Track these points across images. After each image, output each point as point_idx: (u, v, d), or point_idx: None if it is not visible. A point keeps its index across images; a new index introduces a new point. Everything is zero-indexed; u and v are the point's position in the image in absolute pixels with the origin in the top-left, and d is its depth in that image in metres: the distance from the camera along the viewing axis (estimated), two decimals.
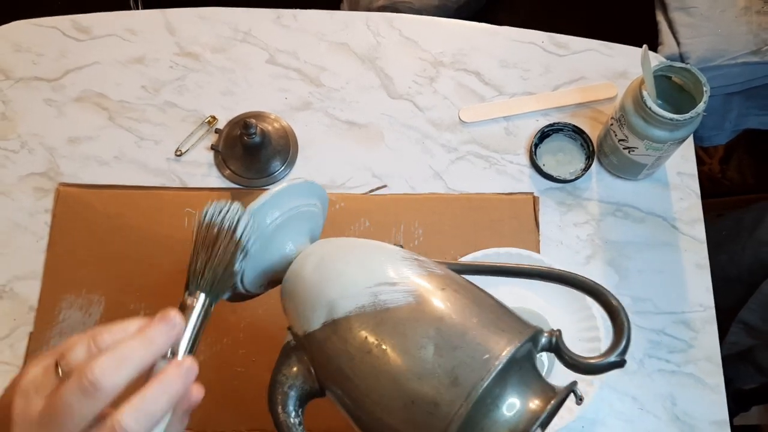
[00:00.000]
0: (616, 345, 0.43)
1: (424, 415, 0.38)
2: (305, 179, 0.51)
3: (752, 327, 0.91)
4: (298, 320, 0.45)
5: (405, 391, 0.39)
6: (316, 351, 0.43)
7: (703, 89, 0.66)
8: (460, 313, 0.41)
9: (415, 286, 0.42)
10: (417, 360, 0.39)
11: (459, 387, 0.38)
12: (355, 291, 0.43)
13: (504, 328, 0.41)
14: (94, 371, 0.34)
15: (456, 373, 0.38)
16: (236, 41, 0.84)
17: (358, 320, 0.41)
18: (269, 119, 0.79)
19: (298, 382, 0.44)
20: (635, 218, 0.77)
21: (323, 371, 0.43)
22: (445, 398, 0.38)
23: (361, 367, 0.41)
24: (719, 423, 0.69)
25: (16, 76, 0.81)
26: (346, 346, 0.41)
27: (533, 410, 0.39)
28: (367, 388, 0.40)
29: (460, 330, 0.40)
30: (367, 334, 0.41)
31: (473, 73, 0.83)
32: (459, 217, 0.76)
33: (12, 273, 0.73)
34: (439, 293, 0.42)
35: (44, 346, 0.70)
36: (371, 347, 0.40)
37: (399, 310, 0.41)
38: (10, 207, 0.76)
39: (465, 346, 0.39)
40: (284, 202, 0.49)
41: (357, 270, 0.44)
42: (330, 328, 0.42)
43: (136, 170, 0.77)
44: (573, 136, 0.79)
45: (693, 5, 0.92)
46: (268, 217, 0.48)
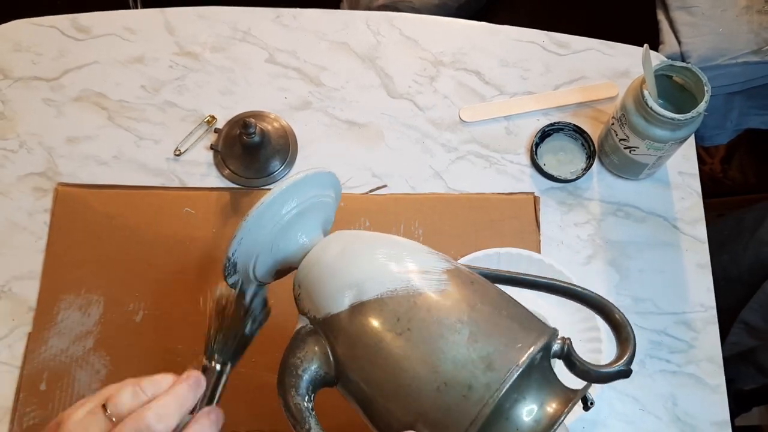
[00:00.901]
0: (623, 354, 0.44)
1: (457, 399, 0.38)
2: (324, 169, 0.50)
3: (753, 327, 0.91)
4: (317, 303, 0.45)
5: (438, 374, 0.39)
6: (340, 333, 0.43)
7: (705, 89, 0.66)
8: (491, 305, 0.42)
9: (446, 276, 0.43)
10: (451, 344, 0.39)
11: (494, 372, 0.38)
12: (386, 275, 0.43)
13: (529, 326, 0.42)
14: (151, 417, 0.39)
15: (491, 358, 0.39)
16: (236, 40, 0.83)
17: (390, 303, 0.41)
18: (269, 119, 0.79)
19: (314, 366, 0.43)
20: (636, 218, 0.76)
21: (346, 354, 0.43)
22: (480, 382, 0.38)
23: (390, 349, 0.40)
24: (720, 424, 0.69)
25: (15, 75, 0.81)
26: (375, 328, 0.41)
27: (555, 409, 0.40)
28: (396, 371, 0.40)
29: (493, 320, 0.41)
30: (399, 317, 0.41)
31: (474, 73, 0.83)
32: (459, 217, 0.75)
33: (11, 273, 0.72)
34: (469, 286, 0.43)
35: (43, 347, 0.69)
36: (403, 329, 0.40)
37: (431, 296, 0.41)
38: (9, 207, 0.75)
39: (498, 334, 0.40)
40: (303, 191, 0.48)
41: (387, 256, 0.44)
42: (358, 309, 0.42)
43: (136, 170, 0.77)
44: (574, 136, 0.78)
45: (694, 4, 0.92)
46: (285, 206, 0.47)
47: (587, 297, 0.47)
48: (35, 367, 0.69)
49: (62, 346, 0.69)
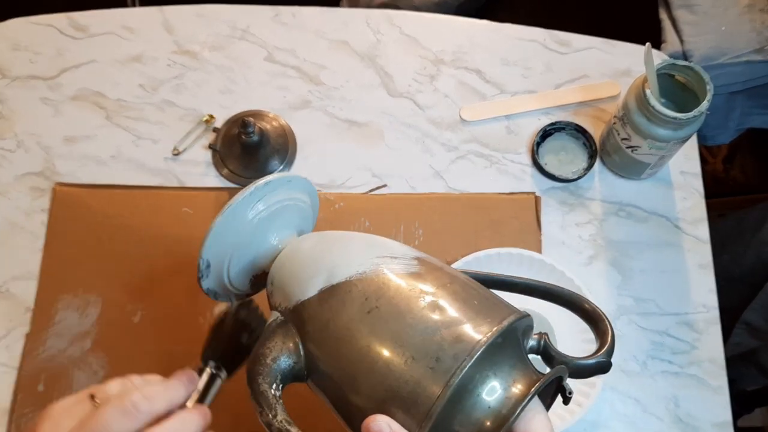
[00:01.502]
0: (602, 347, 0.44)
1: (425, 371, 0.38)
2: (294, 174, 0.51)
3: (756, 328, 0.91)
4: (288, 293, 0.45)
5: (406, 348, 0.39)
6: (310, 318, 0.43)
7: (707, 88, 0.65)
8: (461, 286, 0.42)
9: (416, 261, 0.43)
10: (419, 317, 0.40)
11: (463, 343, 0.38)
12: (356, 259, 0.43)
13: (499, 306, 0.42)
14: (136, 396, 0.39)
15: (459, 331, 0.39)
16: (234, 39, 0.83)
17: (360, 284, 0.42)
18: (268, 118, 0.79)
19: (282, 356, 0.43)
20: (638, 218, 0.76)
21: (316, 339, 0.43)
22: (447, 353, 0.38)
23: (359, 328, 0.40)
24: (722, 425, 0.68)
25: (12, 74, 0.81)
26: (343, 308, 0.41)
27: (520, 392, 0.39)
28: (365, 348, 0.40)
29: (462, 297, 0.41)
30: (368, 296, 0.41)
31: (474, 71, 0.82)
32: (460, 216, 0.75)
33: (8, 273, 0.72)
34: (438, 270, 0.43)
35: (41, 347, 0.69)
36: (371, 307, 0.41)
37: (401, 277, 0.42)
38: (7, 207, 0.75)
39: (468, 309, 0.40)
40: (269, 194, 0.49)
41: (358, 244, 0.45)
42: (328, 292, 0.43)
43: (134, 170, 0.77)
44: (575, 135, 0.78)
45: (696, 3, 0.92)
46: (251, 210, 0.48)
47: (555, 292, 0.48)
48: (33, 368, 0.68)
49: (60, 346, 0.69)
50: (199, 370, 0.45)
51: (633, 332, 0.71)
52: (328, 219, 0.75)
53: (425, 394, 0.37)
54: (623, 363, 0.70)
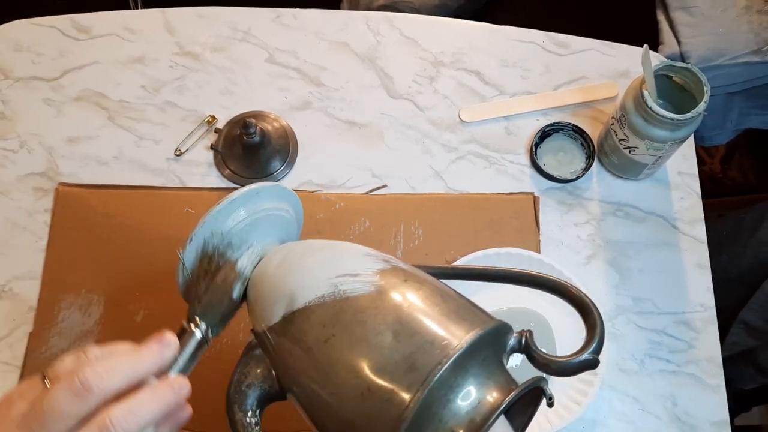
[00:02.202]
0: (589, 343, 0.42)
1: (380, 403, 0.37)
2: (275, 183, 0.50)
3: (753, 327, 0.91)
4: (258, 317, 0.44)
5: (361, 379, 0.37)
6: (275, 346, 0.42)
7: (704, 89, 0.66)
8: (422, 302, 0.40)
9: (377, 277, 0.42)
10: (374, 347, 0.38)
11: (416, 372, 0.36)
12: (315, 282, 0.42)
13: (466, 318, 0.40)
14: (86, 373, 0.35)
15: (413, 358, 0.37)
16: (236, 40, 0.84)
17: (317, 309, 0.41)
18: (269, 119, 0.79)
19: (257, 381, 0.43)
20: (636, 218, 0.76)
21: (281, 366, 0.42)
22: (401, 384, 0.36)
23: (318, 358, 0.39)
24: (720, 423, 0.69)
25: (15, 75, 0.81)
26: (303, 337, 0.40)
27: (491, 402, 0.38)
28: (323, 380, 0.39)
29: (420, 316, 0.39)
30: (325, 323, 0.40)
31: (473, 73, 0.83)
32: (459, 217, 0.75)
33: (11, 273, 0.73)
34: (401, 284, 0.41)
35: (43, 347, 0.69)
36: (328, 336, 0.39)
37: (359, 300, 0.40)
38: (10, 207, 0.75)
39: (424, 332, 0.38)
40: (250, 203, 0.47)
41: (318, 263, 0.44)
42: (289, 319, 0.42)
43: (136, 170, 0.77)
44: (573, 136, 0.78)
45: (694, 4, 0.92)
46: (231, 219, 0.47)
47: (545, 282, 0.47)
48: (36, 367, 0.69)
49: (63, 345, 0.69)
50: (182, 330, 0.44)
51: (631, 331, 0.72)
52: (329, 219, 0.75)
53: (382, 429, 0.36)
54: (621, 362, 0.71)
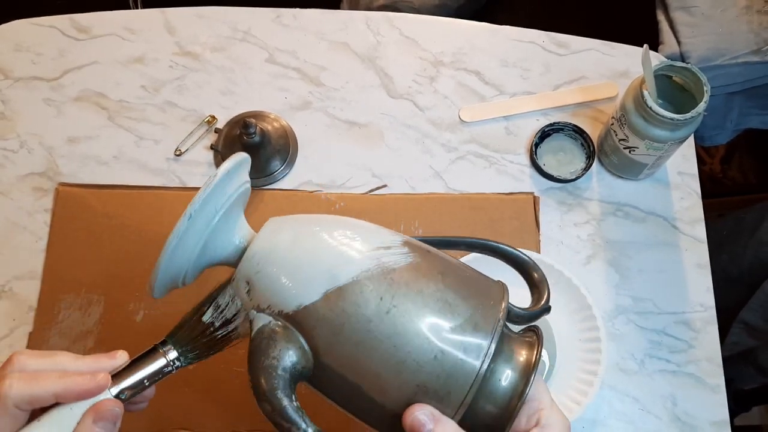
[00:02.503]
0: (542, 295, 0.47)
1: (454, 364, 0.39)
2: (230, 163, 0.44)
3: (753, 327, 0.91)
4: (283, 297, 0.42)
5: (434, 344, 0.40)
6: (318, 323, 0.41)
7: (704, 89, 0.66)
8: (454, 270, 0.44)
9: (406, 248, 0.43)
10: (439, 312, 0.40)
11: (481, 330, 0.40)
12: (356, 256, 0.42)
13: (487, 283, 0.45)
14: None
15: (475, 319, 0.41)
16: (236, 40, 0.84)
17: (369, 283, 0.41)
18: (269, 119, 0.79)
19: (289, 363, 0.41)
20: (636, 218, 0.76)
21: (328, 342, 0.41)
22: (472, 344, 0.40)
23: (381, 329, 0.40)
24: (720, 423, 0.69)
25: (15, 75, 0.81)
26: (359, 310, 0.40)
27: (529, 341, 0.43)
28: (391, 349, 0.40)
29: (462, 281, 0.43)
30: (381, 296, 0.41)
31: (473, 73, 0.83)
32: (459, 217, 0.75)
33: (11, 273, 0.73)
34: (428, 254, 0.44)
35: (44, 346, 0.69)
36: (389, 308, 0.40)
37: (404, 270, 0.42)
38: (10, 207, 0.75)
39: (471, 294, 0.42)
40: (218, 197, 0.43)
41: (346, 237, 0.44)
42: (335, 294, 0.41)
43: (136, 170, 0.77)
44: (573, 136, 0.78)
45: (694, 4, 0.92)
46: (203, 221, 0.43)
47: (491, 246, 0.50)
48: None
49: (63, 345, 0.69)
50: (153, 347, 0.43)
51: (631, 331, 0.72)
52: None
53: (457, 386, 0.39)
54: (621, 362, 0.71)
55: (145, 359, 0.43)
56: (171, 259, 0.42)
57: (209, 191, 0.42)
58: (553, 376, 0.68)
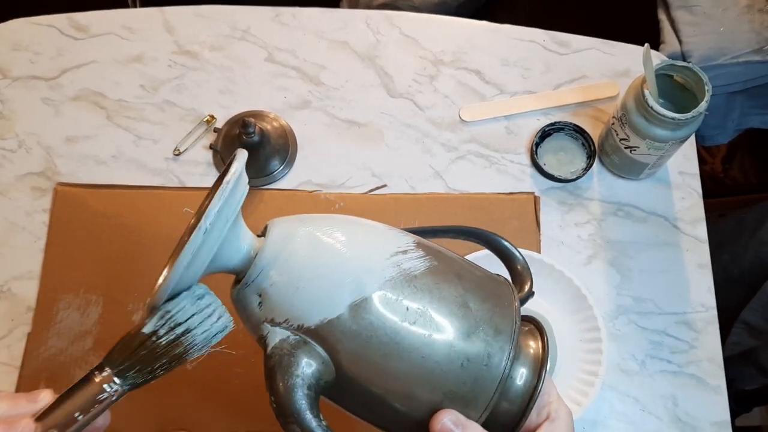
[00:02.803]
0: (524, 284, 0.48)
1: (480, 370, 0.40)
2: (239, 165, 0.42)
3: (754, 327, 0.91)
4: (304, 311, 0.40)
5: (459, 351, 0.40)
6: (344, 336, 0.39)
7: (705, 88, 0.66)
8: (468, 270, 0.44)
9: (420, 251, 0.43)
10: (463, 318, 0.40)
11: (502, 334, 0.41)
12: (377, 264, 0.41)
13: (496, 280, 0.45)
14: None
15: (495, 322, 0.41)
16: (235, 39, 0.83)
17: (393, 293, 0.40)
18: (268, 118, 0.79)
19: (314, 378, 0.39)
20: (637, 218, 0.76)
21: (355, 355, 0.39)
22: (495, 348, 0.40)
23: (410, 340, 0.39)
24: (721, 424, 0.69)
25: (13, 74, 0.81)
26: (387, 323, 0.39)
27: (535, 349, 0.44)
28: (419, 359, 0.39)
29: (478, 283, 0.43)
30: (408, 304, 0.40)
31: (474, 72, 0.82)
32: (459, 216, 0.75)
33: (9, 273, 0.72)
34: (442, 255, 0.44)
35: (42, 347, 0.69)
36: (416, 317, 0.40)
37: (425, 275, 0.41)
38: (8, 207, 0.75)
39: (488, 296, 0.42)
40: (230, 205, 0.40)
41: (365, 242, 0.42)
42: (361, 307, 0.39)
43: (135, 170, 0.77)
44: (574, 136, 0.78)
45: (695, 4, 0.92)
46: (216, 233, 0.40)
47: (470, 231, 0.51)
48: (34, 367, 0.69)
49: (61, 346, 0.69)
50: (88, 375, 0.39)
51: (632, 332, 0.72)
52: None
53: (483, 390, 0.40)
54: (622, 362, 0.71)
55: (77, 390, 0.38)
56: (183, 276, 0.39)
57: (223, 201, 0.39)
58: (554, 376, 0.68)
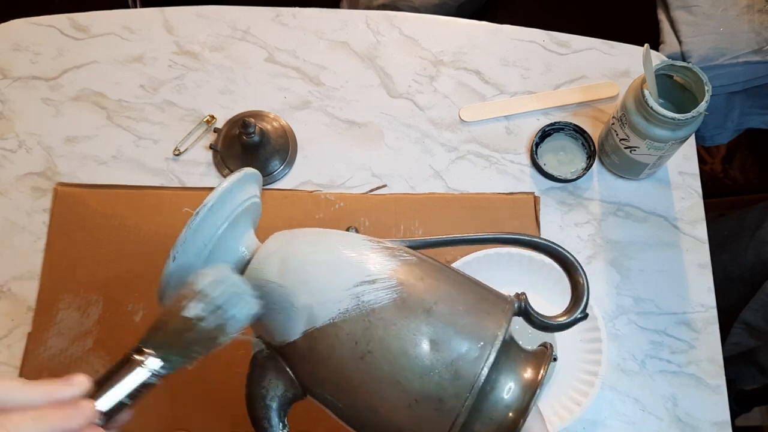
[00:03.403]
0: (578, 302, 0.44)
1: (430, 412, 0.38)
2: (240, 172, 0.45)
3: (754, 328, 0.91)
4: (269, 330, 0.42)
5: (408, 392, 0.38)
6: (300, 360, 0.41)
7: (705, 88, 0.66)
8: (446, 303, 0.41)
9: (395, 280, 0.41)
10: (415, 359, 0.38)
11: (461, 379, 0.38)
12: (334, 295, 0.40)
13: (488, 310, 0.41)
14: None
15: (455, 366, 0.38)
16: (235, 39, 0.83)
17: (345, 326, 0.39)
18: (268, 118, 0.79)
19: (279, 392, 0.42)
20: (637, 218, 0.76)
21: (310, 379, 0.42)
22: (449, 393, 0.38)
23: (355, 374, 0.39)
24: (721, 424, 0.69)
25: (13, 75, 0.81)
26: (335, 354, 0.39)
27: (529, 381, 0.40)
28: (364, 393, 0.39)
29: (450, 320, 0.40)
30: (357, 339, 0.39)
31: (474, 72, 0.82)
32: (459, 216, 0.75)
33: (10, 273, 0.72)
34: (420, 284, 0.41)
35: (42, 347, 0.69)
36: (364, 353, 0.39)
37: (385, 310, 0.39)
38: (8, 207, 0.75)
39: (458, 337, 0.39)
40: (226, 205, 0.43)
41: (331, 271, 0.41)
42: (313, 336, 0.40)
43: (135, 170, 0.77)
44: (574, 136, 0.78)
45: (695, 4, 0.92)
46: (213, 227, 0.43)
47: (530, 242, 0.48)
48: (34, 367, 0.69)
49: (61, 346, 0.69)
50: (125, 358, 0.38)
51: (632, 332, 0.72)
52: (328, 219, 0.75)
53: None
54: (622, 362, 0.71)
55: (120, 373, 0.38)
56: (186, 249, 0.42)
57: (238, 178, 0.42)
58: (554, 376, 0.68)
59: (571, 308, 0.44)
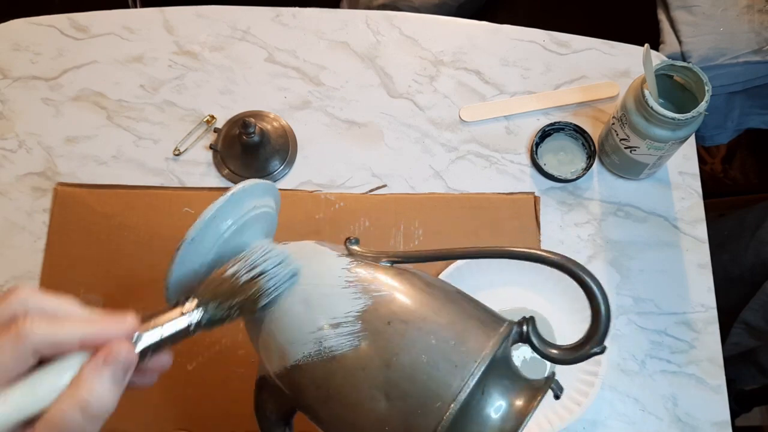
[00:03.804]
0: (594, 332, 0.39)
1: None
2: (257, 180, 0.46)
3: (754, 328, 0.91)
4: (264, 358, 0.44)
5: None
6: (284, 388, 0.43)
7: (705, 88, 0.66)
8: (409, 350, 0.38)
9: (359, 325, 0.40)
10: (370, 413, 0.38)
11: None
12: (300, 337, 0.41)
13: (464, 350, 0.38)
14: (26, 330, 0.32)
15: (410, 422, 0.37)
16: (235, 39, 0.83)
17: (308, 369, 0.40)
18: (268, 118, 0.79)
19: (275, 409, 0.46)
20: (637, 218, 0.76)
21: (296, 404, 0.44)
22: None
23: (322, 413, 0.41)
24: (721, 424, 0.69)
25: (13, 75, 0.81)
26: (305, 392, 0.41)
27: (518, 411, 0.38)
28: (334, 429, 0.41)
29: (409, 373, 0.38)
30: (319, 384, 0.40)
31: (474, 72, 0.82)
32: (459, 216, 0.75)
33: (10, 273, 0.72)
34: (386, 330, 0.39)
35: None
36: (326, 397, 0.40)
37: (346, 358, 0.39)
38: (8, 207, 0.75)
39: (416, 392, 0.37)
40: (239, 207, 0.44)
41: (300, 310, 0.41)
42: (286, 373, 0.42)
43: (135, 170, 0.77)
44: (574, 136, 0.78)
45: (695, 4, 0.92)
46: (223, 225, 0.44)
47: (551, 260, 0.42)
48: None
49: None
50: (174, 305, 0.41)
51: (632, 332, 0.72)
52: (328, 219, 0.75)
53: None
54: (622, 362, 0.71)
55: (164, 316, 0.40)
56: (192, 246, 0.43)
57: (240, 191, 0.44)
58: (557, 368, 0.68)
59: (586, 341, 0.40)
